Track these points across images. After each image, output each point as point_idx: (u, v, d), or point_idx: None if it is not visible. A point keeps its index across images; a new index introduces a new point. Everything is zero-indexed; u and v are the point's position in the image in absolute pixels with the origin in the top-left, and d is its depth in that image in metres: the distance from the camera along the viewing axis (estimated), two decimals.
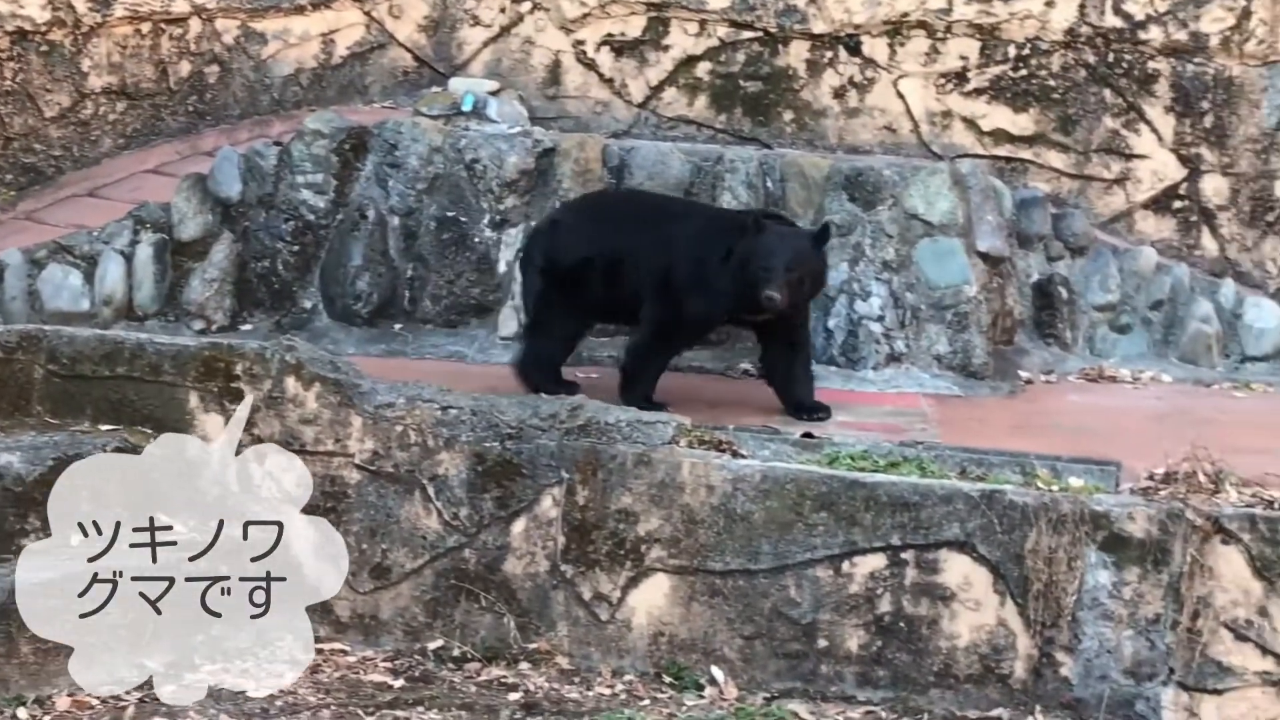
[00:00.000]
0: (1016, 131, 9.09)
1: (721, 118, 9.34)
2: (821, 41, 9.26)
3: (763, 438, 6.55)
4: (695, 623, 6.17)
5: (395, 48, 9.66)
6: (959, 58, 9.14)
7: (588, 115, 9.43)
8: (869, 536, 6.04)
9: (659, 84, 9.40)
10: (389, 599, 6.37)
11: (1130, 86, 8.99)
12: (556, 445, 6.28)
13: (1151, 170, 9.00)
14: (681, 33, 9.37)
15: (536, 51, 9.52)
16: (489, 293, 8.44)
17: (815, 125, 9.27)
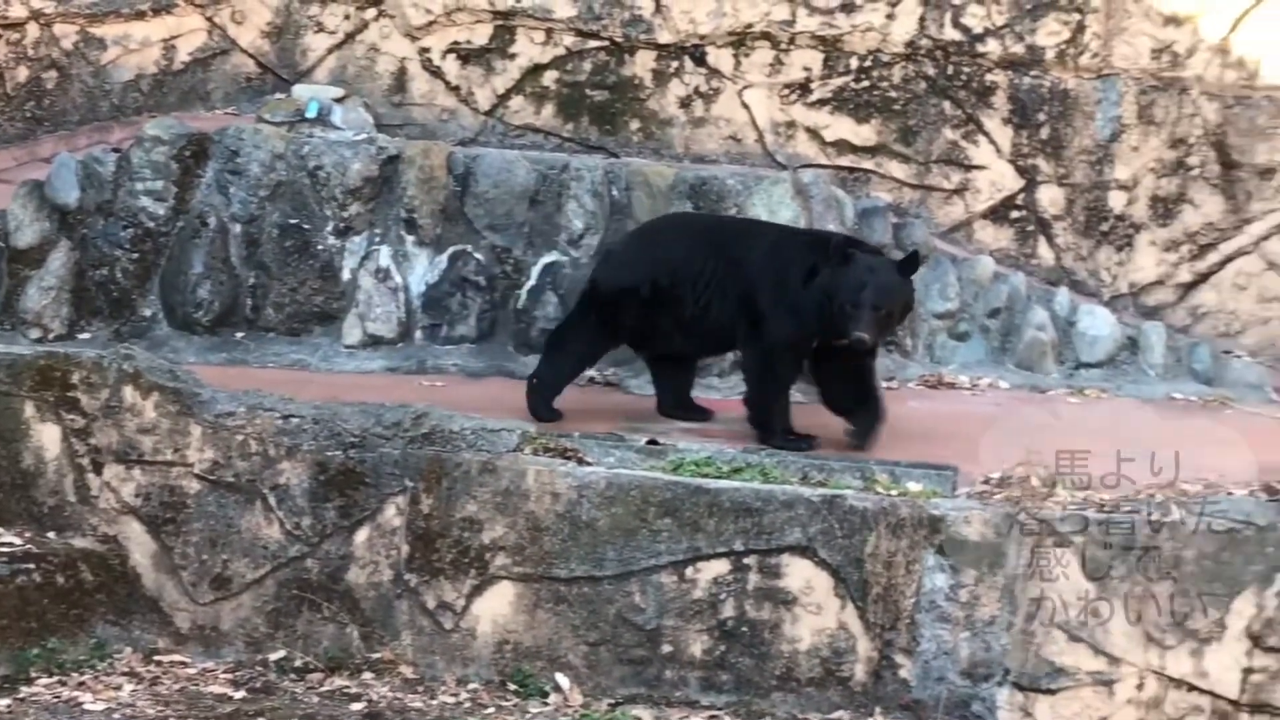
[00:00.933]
0: (859, 142, 9.20)
1: (568, 126, 9.36)
2: (667, 51, 9.31)
3: (608, 445, 6.58)
4: (540, 630, 6.18)
5: (238, 54, 9.56)
6: (802, 69, 9.24)
7: (434, 123, 9.40)
8: (712, 542, 6.09)
9: (505, 92, 9.39)
10: (230, 610, 6.32)
11: (969, 98, 9.14)
12: (400, 453, 6.27)
13: (990, 181, 9.15)
14: (528, 41, 9.37)
15: (382, 59, 9.48)
16: (332, 300, 8.38)
17: (662, 134, 9.32)
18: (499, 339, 8.40)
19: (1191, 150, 9.04)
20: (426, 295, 8.40)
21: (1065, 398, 8.32)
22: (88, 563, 6.20)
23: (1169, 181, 9.08)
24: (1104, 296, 9.08)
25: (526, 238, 8.45)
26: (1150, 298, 9.12)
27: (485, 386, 7.96)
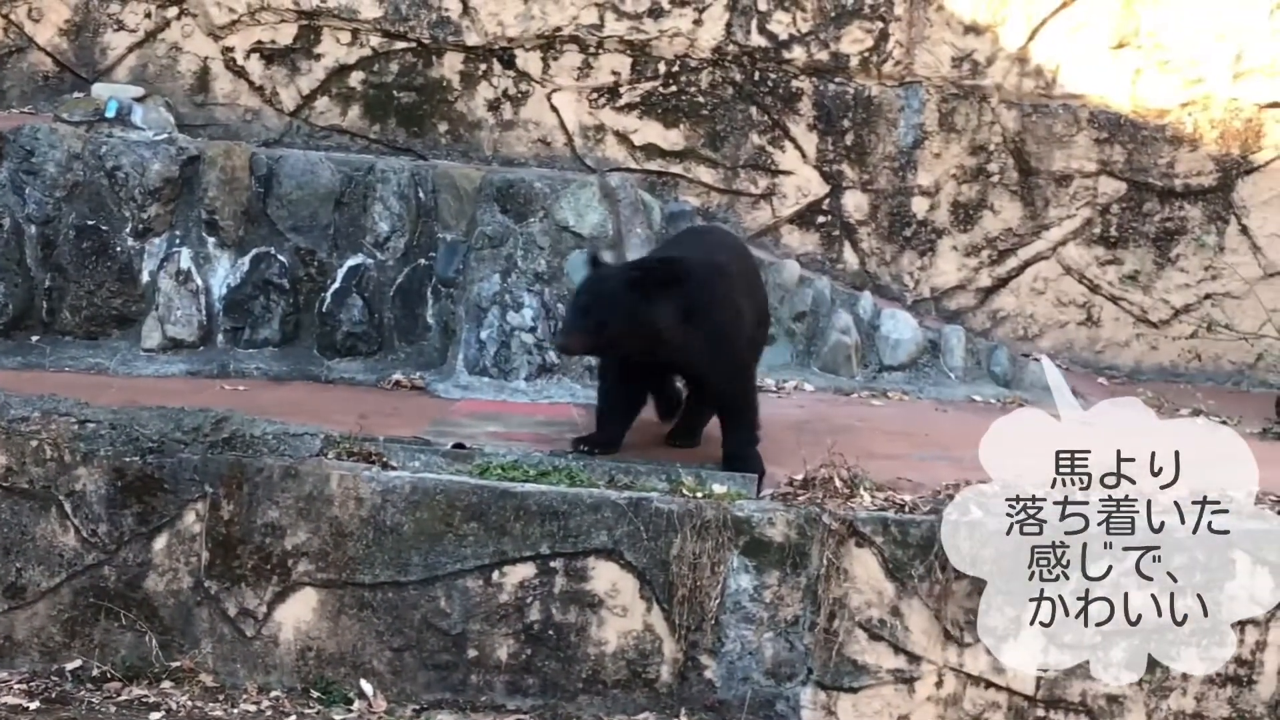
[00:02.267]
0: (667, 146, 9.25)
1: (375, 128, 9.28)
2: (476, 54, 9.27)
3: (414, 449, 6.53)
4: (344, 636, 6.12)
5: (35, 52, 9.33)
6: (611, 73, 9.26)
7: (238, 123, 9.26)
8: (519, 546, 6.08)
9: (311, 93, 9.29)
10: (24, 619, 6.17)
11: (775, 104, 9.24)
12: (200, 459, 6.17)
13: (796, 186, 9.26)
14: (334, 42, 9.28)
15: (184, 58, 9.31)
16: (131, 303, 8.22)
17: (470, 137, 9.28)
18: (303, 342, 8.31)
19: (991, 157, 9.23)
20: (228, 298, 8.27)
21: (869, 400, 8.44)
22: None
23: (970, 188, 9.25)
24: (907, 300, 9.24)
25: (331, 240, 8.36)
26: (951, 302, 9.30)
27: (289, 390, 7.85)
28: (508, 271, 8.14)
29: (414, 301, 8.34)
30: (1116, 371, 9.26)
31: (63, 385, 7.07)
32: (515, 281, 8.13)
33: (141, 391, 7.34)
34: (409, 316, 8.34)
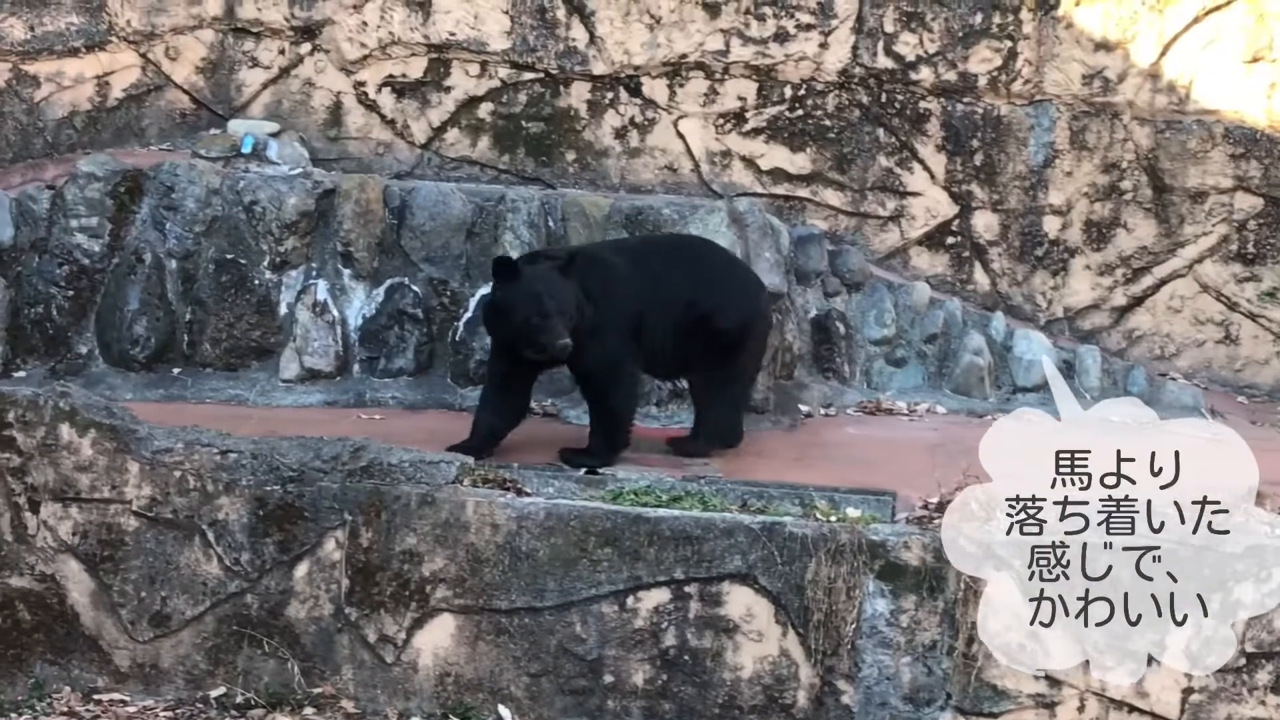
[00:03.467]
0: (794, 170, 9.24)
1: (504, 158, 9.37)
2: (602, 82, 9.33)
3: (547, 475, 6.59)
4: (482, 662, 6.17)
5: (172, 90, 9.52)
6: (737, 98, 9.28)
7: (370, 156, 9.39)
8: (653, 571, 6.09)
9: (441, 125, 9.39)
10: (169, 647, 6.27)
11: (903, 126, 9.21)
12: (339, 487, 6.25)
13: (925, 207, 9.22)
14: (463, 74, 9.38)
15: (317, 93, 9.46)
16: (269, 335, 8.36)
17: (597, 165, 9.34)
18: (437, 371, 8.40)
19: (1124, 175, 9.13)
20: (364, 328, 8.39)
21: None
22: (25, 602, 6.15)
23: (1102, 206, 9.16)
24: (1039, 321, 9.15)
25: (463, 270, 8.45)
26: (1085, 321, 9.20)
27: (424, 419, 7.95)
28: None
29: None
30: (1256, 390, 9.12)
31: (204, 417, 7.20)
32: None
33: (280, 422, 7.46)
34: None
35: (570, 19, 9.32)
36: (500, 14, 9.33)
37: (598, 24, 9.31)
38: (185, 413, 7.49)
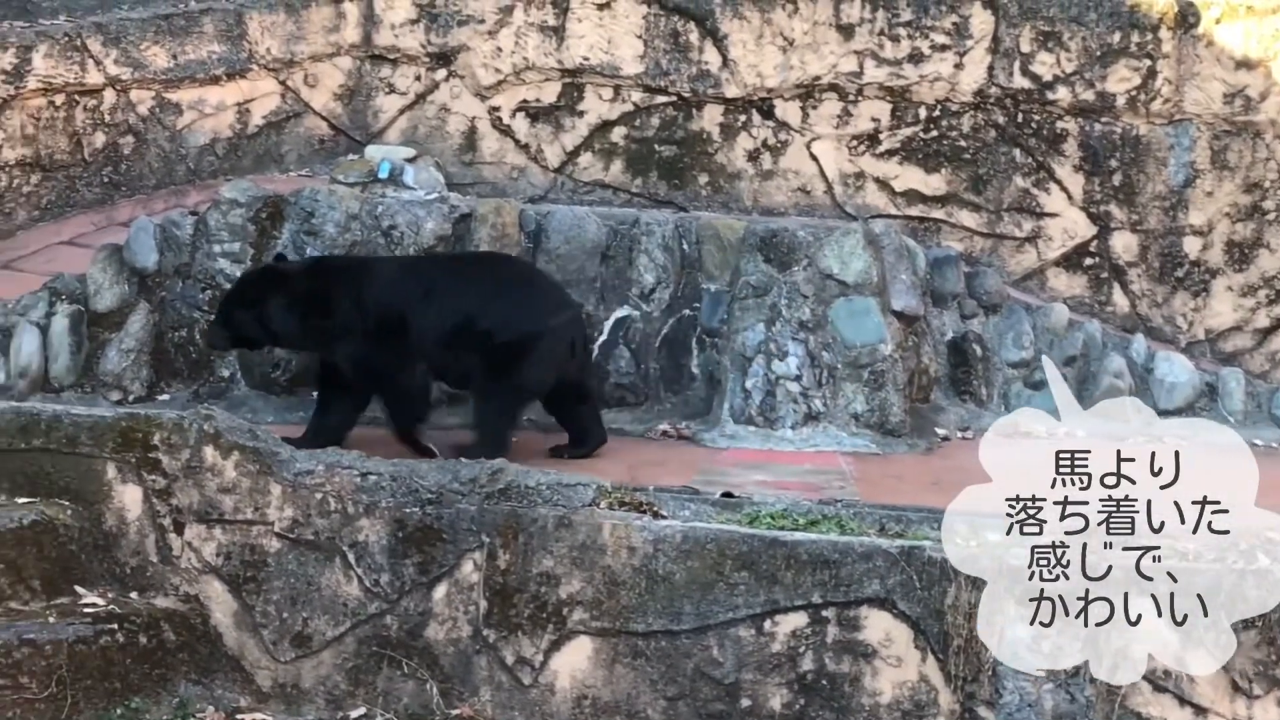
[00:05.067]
0: (929, 191, 9.20)
1: (637, 181, 9.40)
2: (735, 105, 9.35)
3: (683, 498, 6.57)
4: (619, 685, 6.16)
5: (311, 116, 9.67)
6: (871, 120, 9.25)
7: (504, 181, 9.47)
8: (790, 595, 6.05)
9: (574, 149, 9.45)
10: (311, 667, 6.33)
11: (1040, 146, 9.13)
12: (477, 509, 6.27)
13: (1062, 228, 9.13)
14: (596, 98, 9.44)
15: (452, 118, 9.56)
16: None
17: (730, 188, 9.34)
18: None
19: (1267, 194, 8.99)
20: None
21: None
22: (170, 622, 6.23)
23: (1244, 226, 9.03)
24: (1180, 343, 9.03)
25: (598, 293, 8.49)
26: (1227, 344, 9.06)
27: (558, 441, 7.97)
28: (772, 320, 8.16)
29: (679, 352, 8.43)
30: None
31: (347, 439, 7.28)
32: (780, 330, 8.15)
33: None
34: (674, 367, 8.42)
35: (703, 42, 9.34)
36: (634, 38, 9.38)
37: (730, 47, 9.32)
38: None
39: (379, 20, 9.65)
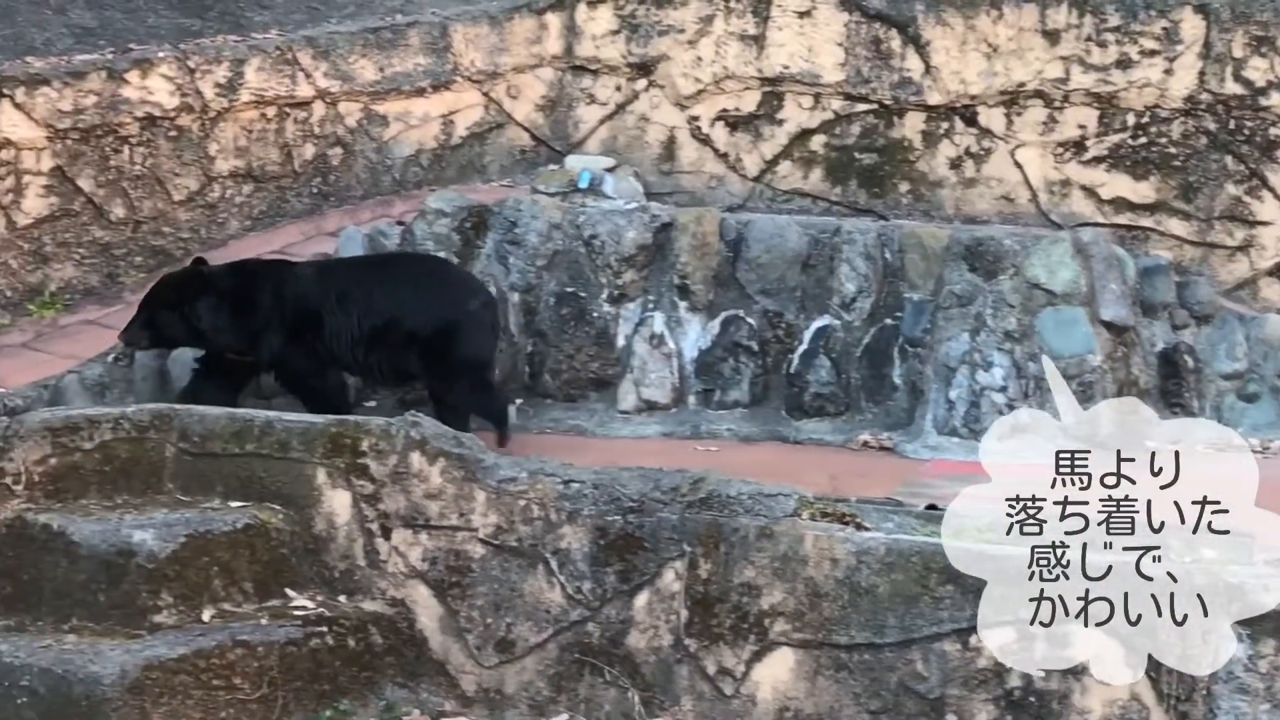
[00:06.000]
0: (1137, 200, 9.02)
1: (836, 190, 9.36)
2: (937, 112, 9.26)
3: (887, 510, 6.51)
4: (821, 697, 6.12)
5: (513, 127, 9.78)
6: (1077, 126, 9.11)
7: (702, 190, 9.48)
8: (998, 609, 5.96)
9: (773, 158, 9.44)
10: (514, 673, 6.38)
11: (1252, 153, 8.91)
12: (678, 518, 6.27)
13: (1276, 237, 8.89)
14: (796, 107, 9.41)
15: (652, 128, 9.60)
16: (608, 367, 8.49)
17: (931, 196, 9.26)
18: (771, 403, 8.42)
19: None
20: (699, 360, 8.46)
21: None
22: (377, 626, 6.33)
23: None
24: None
25: (798, 302, 8.46)
26: None
27: (758, 451, 7.97)
28: (977, 330, 8.06)
29: (881, 362, 8.36)
30: None
31: (545, 446, 7.35)
32: (984, 340, 8.04)
33: (618, 452, 7.56)
34: (875, 377, 8.36)
35: (905, 49, 9.27)
36: (834, 46, 9.34)
37: (933, 54, 9.24)
38: (527, 442, 7.66)
39: (580, 31, 9.72)
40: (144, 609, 6.00)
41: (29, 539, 6.20)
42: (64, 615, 6.05)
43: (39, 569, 6.13)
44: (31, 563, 6.16)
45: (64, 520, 6.20)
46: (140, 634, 5.92)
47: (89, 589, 6.04)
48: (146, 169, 9.08)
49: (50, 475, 6.48)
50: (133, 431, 6.61)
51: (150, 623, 5.97)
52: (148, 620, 5.98)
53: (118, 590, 6.02)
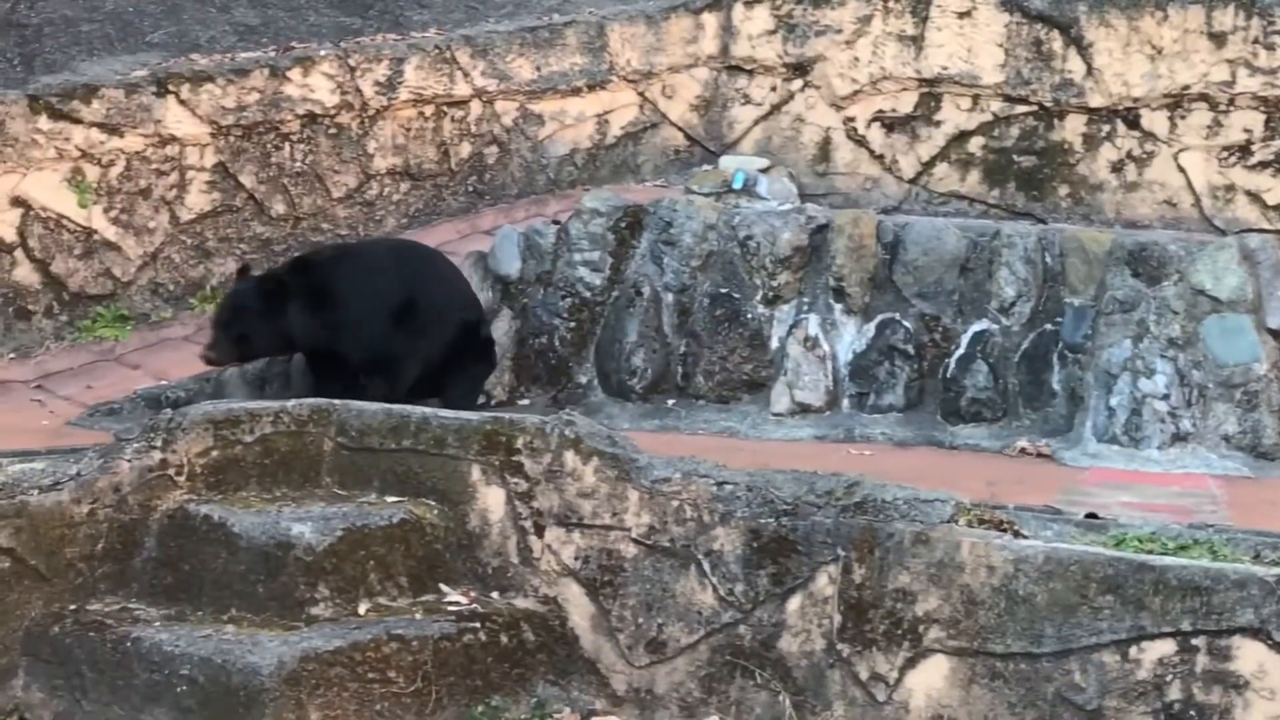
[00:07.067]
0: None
1: (994, 193, 9.26)
2: (1098, 115, 9.13)
3: (1045, 518, 6.42)
4: (975, 706, 6.04)
5: (667, 127, 9.79)
6: (1242, 130, 8.94)
7: (857, 191, 9.43)
8: (1158, 621, 5.84)
9: (930, 159, 9.36)
10: (665, 673, 6.37)
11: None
12: (832, 522, 6.22)
13: None
14: (954, 108, 9.33)
15: (806, 129, 9.57)
16: (761, 369, 8.46)
17: (1091, 200, 9.14)
18: (927, 408, 8.33)
19: None
20: (854, 364, 8.40)
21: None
22: (529, 623, 6.34)
23: None
24: None
25: (956, 306, 8.37)
26: None
27: (913, 456, 7.89)
28: (1139, 337, 7.92)
29: (1039, 367, 8.24)
30: None
31: (697, 448, 7.32)
32: (1147, 347, 7.90)
33: (771, 455, 7.52)
34: (1034, 383, 8.24)
35: (1066, 50, 9.16)
36: (994, 47, 9.25)
37: (1095, 55, 9.11)
38: (679, 443, 7.64)
39: (737, 31, 9.71)
40: (301, 601, 6.06)
41: (190, 530, 6.29)
42: (223, 606, 6.13)
43: (199, 560, 6.22)
44: (192, 553, 6.25)
45: (224, 512, 6.29)
46: (297, 626, 5.98)
47: (247, 580, 6.12)
48: (306, 165, 9.22)
49: (212, 467, 6.57)
50: (292, 425, 6.69)
51: (307, 615, 6.03)
52: (305, 612, 6.04)
53: (275, 582, 6.09)
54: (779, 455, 7.51)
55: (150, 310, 8.92)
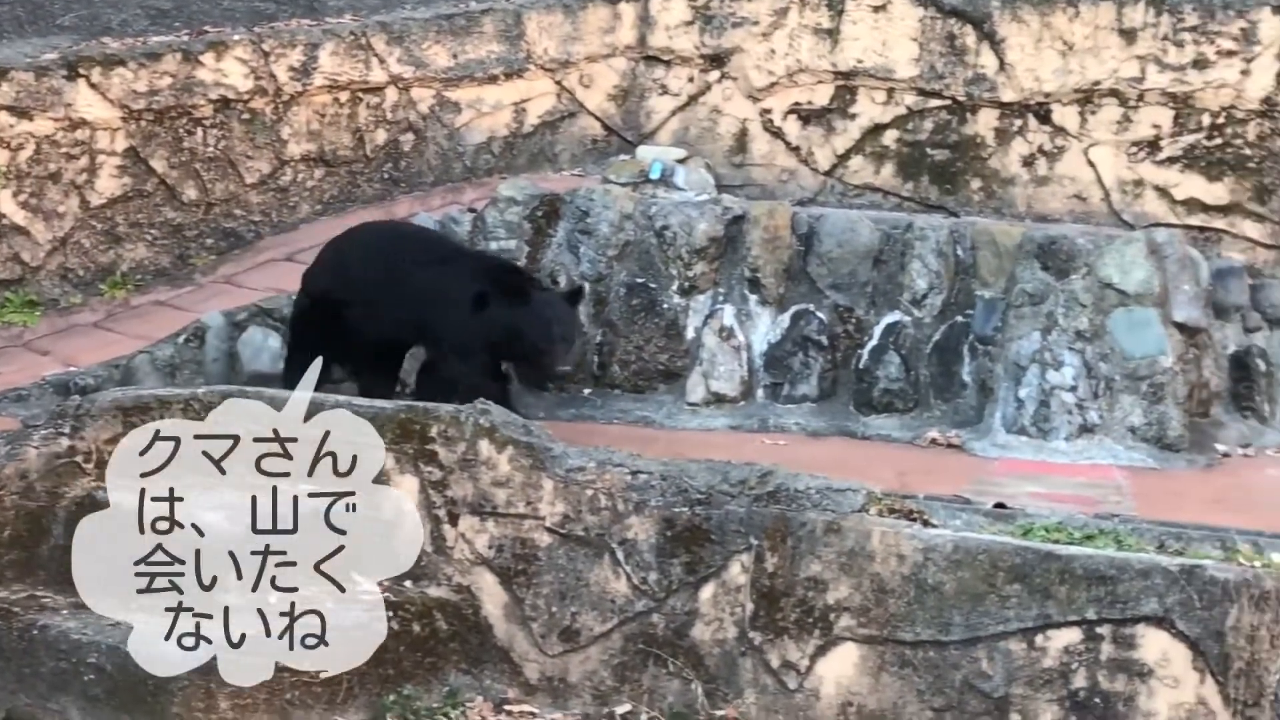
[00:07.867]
0: (1210, 201, 8.95)
1: (908, 185, 9.32)
2: (1010, 110, 9.21)
3: (954, 508, 6.49)
4: (885, 694, 6.10)
5: (585, 116, 9.78)
6: (1151, 126, 9.04)
7: (773, 183, 9.47)
8: (1064, 610, 5.93)
9: (845, 152, 9.41)
10: (578, 662, 6.39)
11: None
12: (746, 511, 6.27)
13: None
14: (869, 101, 9.38)
15: (724, 120, 9.59)
16: (677, 359, 8.48)
17: (1003, 193, 9.21)
18: (840, 398, 8.39)
19: None
20: (768, 354, 8.44)
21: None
22: (442, 612, 6.34)
23: None
24: None
25: (869, 297, 8.43)
26: None
27: (826, 446, 7.94)
28: (1048, 329, 8.01)
29: (950, 359, 8.31)
30: None
31: (613, 437, 7.35)
32: (1055, 339, 7.99)
33: (686, 444, 7.56)
34: (945, 374, 8.31)
35: (979, 45, 9.23)
36: (909, 41, 9.31)
37: (1008, 50, 9.19)
38: (595, 433, 7.66)
39: (654, 22, 9.72)
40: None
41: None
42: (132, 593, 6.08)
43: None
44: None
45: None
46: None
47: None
48: (219, 151, 9.15)
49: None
50: (202, 412, 6.64)
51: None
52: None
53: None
54: (694, 445, 7.56)
55: (59, 296, 8.83)
